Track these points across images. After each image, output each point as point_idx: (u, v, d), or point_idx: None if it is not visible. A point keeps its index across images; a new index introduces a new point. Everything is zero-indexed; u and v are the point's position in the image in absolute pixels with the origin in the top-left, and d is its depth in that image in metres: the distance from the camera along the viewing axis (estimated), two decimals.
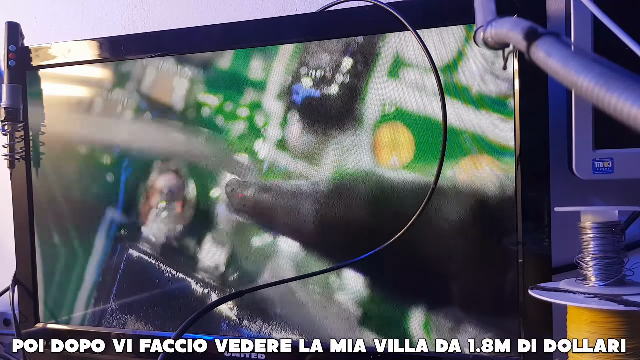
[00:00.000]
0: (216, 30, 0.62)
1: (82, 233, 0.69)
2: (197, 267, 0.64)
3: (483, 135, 0.54)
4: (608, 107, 0.22)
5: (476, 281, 0.55)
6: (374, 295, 0.58)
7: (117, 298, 0.68)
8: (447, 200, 0.55)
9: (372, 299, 0.58)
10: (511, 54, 0.52)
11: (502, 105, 0.53)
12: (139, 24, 0.82)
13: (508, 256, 0.53)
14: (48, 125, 0.70)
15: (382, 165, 0.57)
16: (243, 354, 0.61)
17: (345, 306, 0.59)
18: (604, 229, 0.45)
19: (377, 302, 0.58)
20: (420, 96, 0.55)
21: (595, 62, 0.24)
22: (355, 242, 0.58)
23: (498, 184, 0.53)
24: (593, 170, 0.52)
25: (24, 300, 0.72)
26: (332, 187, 0.58)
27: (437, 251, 0.56)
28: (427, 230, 0.56)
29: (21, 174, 0.71)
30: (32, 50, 0.70)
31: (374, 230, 0.57)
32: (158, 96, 0.65)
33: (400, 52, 0.56)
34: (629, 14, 0.51)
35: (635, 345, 0.43)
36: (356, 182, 0.58)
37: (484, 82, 0.53)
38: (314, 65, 0.59)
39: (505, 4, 0.48)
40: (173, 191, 0.65)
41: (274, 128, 0.60)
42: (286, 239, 0.61)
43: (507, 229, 0.53)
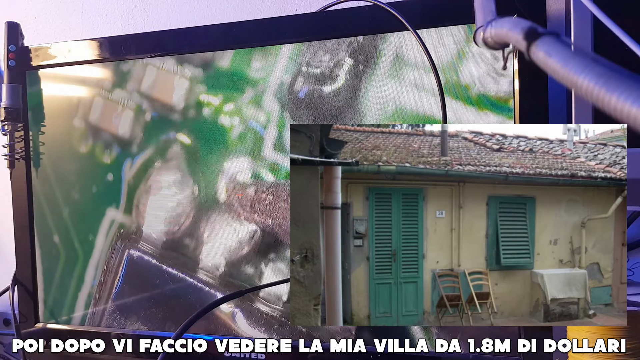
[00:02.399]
0: (216, 30, 0.62)
1: (82, 233, 0.69)
2: (198, 267, 0.64)
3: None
4: (608, 107, 0.22)
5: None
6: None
7: (117, 298, 0.68)
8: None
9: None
10: (511, 54, 0.52)
11: (502, 105, 0.53)
12: (139, 24, 0.82)
13: None
14: (48, 125, 0.70)
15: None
16: (243, 354, 0.61)
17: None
18: None
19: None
20: (420, 96, 0.55)
21: (595, 62, 0.24)
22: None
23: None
24: None
25: (24, 300, 0.72)
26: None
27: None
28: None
29: (21, 174, 0.71)
30: (32, 50, 0.70)
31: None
32: (158, 96, 0.65)
33: (401, 52, 0.56)
34: (629, 14, 0.51)
35: (635, 345, 0.43)
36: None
37: (484, 82, 0.53)
38: (314, 65, 0.59)
39: (505, 4, 0.48)
40: (173, 191, 0.65)
41: (274, 128, 0.60)
42: (286, 239, 0.60)
43: None
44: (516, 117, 0.52)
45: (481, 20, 0.43)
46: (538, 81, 0.51)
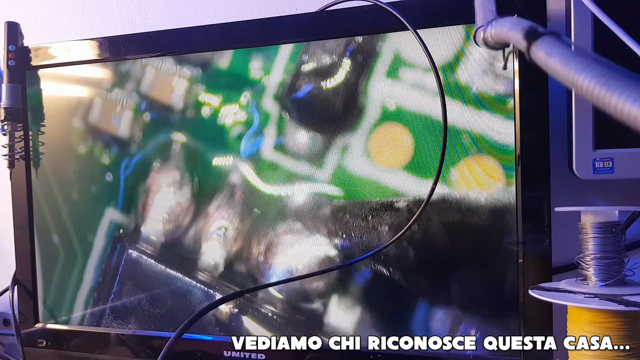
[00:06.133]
0: (216, 30, 0.62)
1: (81, 233, 0.69)
2: (197, 267, 0.64)
3: (483, 135, 0.54)
4: (608, 107, 0.22)
5: (477, 281, 0.54)
6: (374, 295, 0.58)
7: (116, 298, 0.68)
8: (447, 201, 0.55)
9: (372, 298, 0.58)
10: (511, 53, 0.52)
11: (502, 105, 0.53)
12: (139, 24, 0.82)
13: (508, 256, 0.53)
14: (48, 125, 0.70)
15: (382, 165, 0.57)
16: (243, 354, 0.61)
17: (345, 306, 0.59)
18: (604, 229, 0.45)
19: (378, 302, 0.58)
20: (420, 96, 0.55)
21: (596, 61, 0.24)
22: (356, 241, 0.58)
23: (498, 183, 0.53)
24: (593, 170, 0.52)
25: (24, 300, 0.72)
26: (333, 187, 0.58)
27: (437, 251, 0.56)
28: (427, 230, 0.55)
29: (21, 174, 0.71)
30: (32, 50, 0.70)
31: (376, 229, 0.57)
32: (158, 96, 0.65)
33: (401, 52, 0.56)
34: (629, 14, 0.51)
35: (635, 345, 0.43)
36: (357, 182, 0.58)
37: (484, 82, 0.53)
38: (313, 65, 0.59)
39: (505, 4, 0.48)
40: (173, 191, 0.65)
41: (274, 128, 0.60)
42: (287, 238, 0.60)
43: (507, 229, 0.53)
44: (516, 117, 0.52)
45: (481, 20, 0.43)
46: (538, 81, 0.51)
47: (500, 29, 0.37)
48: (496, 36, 0.38)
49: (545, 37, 0.29)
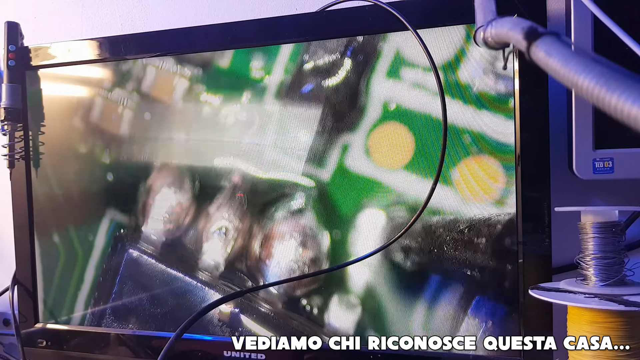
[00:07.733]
0: (216, 30, 0.62)
1: (81, 233, 0.69)
2: (198, 267, 0.64)
3: (483, 134, 0.54)
4: (608, 107, 0.22)
5: (477, 281, 0.54)
6: (375, 296, 0.58)
7: (117, 298, 0.68)
8: (447, 200, 0.55)
9: (372, 299, 0.58)
10: (511, 53, 0.52)
11: (503, 105, 0.53)
12: (139, 24, 0.82)
13: (508, 256, 0.53)
14: (48, 125, 0.70)
15: (383, 165, 0.57)
16: (243, 354, 0.61)
17: (345, 305, 0.59)
18: (604, 229, 0.45)
19: (378, 302, 0.58)
20: (420, 96, 0.55)
21: (596, 62, 0.24)
22: (356, 241, 0.58)
23: (498, 183, 0.53)
24: (593, 170, 0.52)
25: (24, 300, 0.72)
26: (333, 187, 0.58)
27: (437, 251, 0.56)
28: (427, 230, 0.55)
29: (21, 174, 0.71)
30: (32, 50, 0.70)
31: (376, 229, 0.57)
32: (158, 96, 0.65)
33: (401, 52, 0.56)
34: (629, 14, 0.51)
35: (636, 345, 0.43)
36: (357, 181, 0.58)
37: (485, 82, 0.53)
38: (313, 65, 0.59)
39: (505, 4, 0.48)
40: (173, 190, 0.65)
41: (275, 127, 0.60)
42: (287, 238, 0.60)
43: (507, 229, 0.53)
44: (516, 117, 0.52)
45: (481, 20, 0.43)
46: (538, 81, 0.51)
47: (500, 29, 0.37)
48: (496, 36, 0.38)
49: (545, 37, 0.29)
